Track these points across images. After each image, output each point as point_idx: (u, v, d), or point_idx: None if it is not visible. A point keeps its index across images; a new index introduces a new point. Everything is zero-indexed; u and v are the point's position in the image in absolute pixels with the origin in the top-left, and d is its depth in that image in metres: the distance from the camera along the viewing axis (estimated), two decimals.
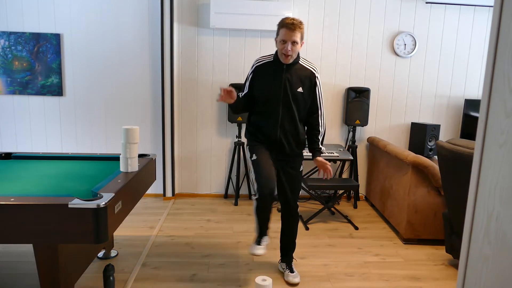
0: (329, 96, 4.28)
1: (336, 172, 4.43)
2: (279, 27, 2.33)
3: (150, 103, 4.19)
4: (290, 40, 2.28)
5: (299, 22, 2.29)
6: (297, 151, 2.53)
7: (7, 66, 4.00)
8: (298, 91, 2.40)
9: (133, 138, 2.35)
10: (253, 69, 2.46)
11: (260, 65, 2.45)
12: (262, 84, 2.42)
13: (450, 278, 2.72)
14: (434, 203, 3.21)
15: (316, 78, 2.45)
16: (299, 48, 2.35)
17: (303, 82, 2.41)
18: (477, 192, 0.98)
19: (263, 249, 2.50)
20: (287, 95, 2.38)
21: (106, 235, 1.82)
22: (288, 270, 2.63)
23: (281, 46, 2.32)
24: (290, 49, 2.29)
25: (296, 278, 2.57)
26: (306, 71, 2.43)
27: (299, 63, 2.43)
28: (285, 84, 2.38)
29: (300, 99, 2.42)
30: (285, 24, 2.28)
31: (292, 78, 2.39)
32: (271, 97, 2.39)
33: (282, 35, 2.29)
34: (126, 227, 3.43)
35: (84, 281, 2.50)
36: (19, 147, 4.20)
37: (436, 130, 4.03)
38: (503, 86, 0.88)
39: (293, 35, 2.27)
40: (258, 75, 2.45)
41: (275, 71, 2.40)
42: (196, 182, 4.38)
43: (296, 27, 2.26)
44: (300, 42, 2.33)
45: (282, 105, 2.39)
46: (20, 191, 2.04)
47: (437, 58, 4.28)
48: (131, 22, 4.02)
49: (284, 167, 2.52)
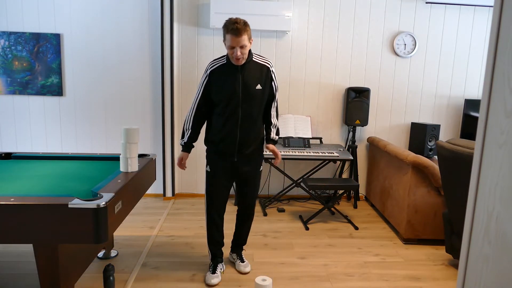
0: (329, 96, 4.28)
1: (336, 172, 4.43)
2: (224, 32, 2.25)
3: (150, 103, 4.19)
4: (238, 45, 2.22)
5: (243, 24, 2.21)
6: (257, 152, 2.53)
7: (7, 66, 4.00)
8: (256, 88, 2.37)
9: (133, 138, 2.35)
10: (207, 73, 2.39)
11: (214, 69, 2.38)
12: (219, 88, 2.37)
13: (450, 278, 2.72)
14: (434, 203, 3.21)
15: (271, 73, 2.43)
16: (248, 48, 2.30)
17: (260, 79, 2.38)
18: (477, 192, 0.98)
19: (218, 277, 2.55)
20: (246, 95, 2.35)
21: (106, 235, 1.82)
22: (239, 260, 2.73)
23: (230, 51, 2.26)
24: (240, 53, 2.24)
25: (247, 267, 2.70)
26: (261, 67, 2.40)
27: (253, 60, 2.38)
28: (242, 84, 2.34)
29: (258, 97, 2.39)
30: (230, 29, 2.19)
31: (249, 76, 2.35)
32: (230, 99, 2.34)
33: (229, 41, 2.22)
34: (126, 227, 3.43)
35: (84, 281, 2.50)
36: (19, 147, 4.20)
37: (436, 130, 4.03)
38: (503, 86, 0.88)
39: (240, 40, 2.21)
40: (213, 79, 2.38)
41: (230, 73, 2.35)
42: (196, 182, 4.38)
43: (242, 31, 2.19)
44: (249, 42, 2.27)
45: (241, 106, 2.36)
46: (20, 191, 2.04)
47: (437, 58, 4.28)
48: (131, 22, 4.02)
49: (244, 168, 2.50)
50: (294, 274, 2.69)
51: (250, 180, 2.56)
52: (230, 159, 2.46)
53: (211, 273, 2.56)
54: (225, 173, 2.49)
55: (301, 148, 3.95)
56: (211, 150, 2.51)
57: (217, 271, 2.58)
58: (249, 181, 2.56)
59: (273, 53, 4.16)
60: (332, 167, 4.43)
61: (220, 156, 2.47)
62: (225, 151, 2.45)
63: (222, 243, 2.66)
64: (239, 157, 2.46)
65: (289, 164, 4.40)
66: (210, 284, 2.49)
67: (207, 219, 2.58)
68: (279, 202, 4.30)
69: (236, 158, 2.46)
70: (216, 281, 2.51)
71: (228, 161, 2.47)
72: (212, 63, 2.41)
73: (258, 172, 2.59)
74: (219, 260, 2.65)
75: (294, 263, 2.86)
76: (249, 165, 2.51)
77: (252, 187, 2.59)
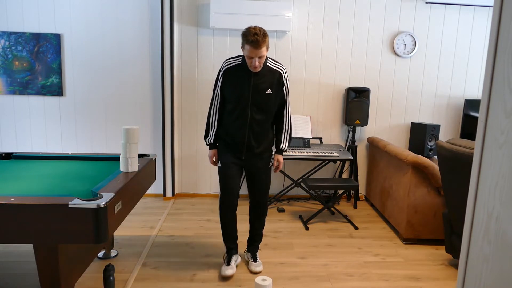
0: (329, 96, 4.29)
1: (336, 172, 4.43)
2: (244, 42, 2.29)
3: (150, 103, 4.19)
4: (256, 56, 2.29)
5: (262, 35, 2.24)
6: (266, 150, 2.60)
7: (7, 66, 4.00)
8: (267, 93, 2.43)
9: (133, 138, 2.35)
10: (223, 72, 2.47)
11: (228, 68, 2.45)
12: (232, 87, 2.44)
13: (450, 278, 2.72)
14: (434, 203, 3.21)
15: (283, 79, 2.48)
16: (265, 57, 2.36)
17: (271, 84, 2.44)
18: (477, 192, 0.98)
19: (233, 268, 2.60)
20: (256, 98, 2.42)
21: (106, 235, 1.82)
22: (252, 259, 2.74)
23: (249, 61, 2.34)
24: (258, 64, 2.32)
25: (259, 267, 2.71)
26: (274, 72, 2.46)
27: (267, 65, 2.44)
28: (254, 87, 2.40)
29: (269, 101, 2.46)
30: (249, 41, 2.23)
31: (260, 81, 2.41)
32: (240, 99, 2.42)
33: (248, 51, 2.28)
34: (126, 227, 3.43)
35: (84, 281, 2.50)
36: (19, 147, 4.20)
37: (436, 130, 4.03)
38: (503, 86, 0.89)
39: (259, 52, 2.27)
40: (227, 78, 2.45)
41: (242, 74, 2.42)
42: (196, 182, 4.38)
43: (261, 43, 2.24)
44: (266, 53, 2.33)
45: (251, 107, 2.43)
46: (20, 191, 2.04)
47: (437, 58, 4.28)
48: (131, 22, 4.02)
49: (254, 164, 2.58)
50: (294, 274, 2.69)
51: (259, 176, 2.61)
52: (239, 155, 2.55)
53: (226, 264, 2.63)
54: (235, 164, 2.56)
55: (301, 148, 3.95)
56: (221, 144, 2.60)
57: (232, 263, 2.63)
58: (258, 176, 2.60)
59: (273, 53, 4.16)
60: (332, 167, 4.43)
61: (229, 153, 2.56)
62: (233, 149, 2.55)
63: (235, 236, 2.71)
64: (247, 155, 2.55)
65: (289, 164, 4.40)
66: (224, 275, 2.56)
67: (220, 213, 2.63)
68: (279, 202, 4.30)
69: (244, 156, 2.55)
70: (230, 272, 2.57)
71: (237, 158, 2.56)
72: (227, 62, 2.47)
73: (267, 168, 2.64)
74: (234, 252, 2.70)
75: (294, 263, 2.86)
76: (257, 162, 2.58)
77: (260, 183, 2.62)
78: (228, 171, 2.55)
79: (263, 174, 2.62)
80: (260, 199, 2.67)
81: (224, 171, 2.56)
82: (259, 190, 2.64)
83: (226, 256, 2.69)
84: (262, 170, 2.60)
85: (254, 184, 2.63)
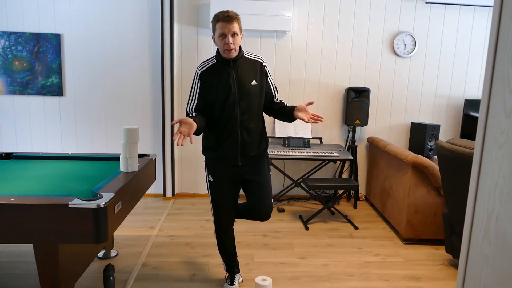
0: (329, 96, 4.28)
1: (336, 172, 4.43)
2: (215, 22, 2.15)
3: (150, 103, 4.19)
4: (229, 33, 2.12)
5: (234, 14, 2.14)
6: (262, 151, 2.36)
7: (7, 66, 4.00)
8: (252, 84, 2.25)
9: (133, 138, 2.35)
10: (198, 76, 2.27)
11: (204, 71, 2.26)
12: (213, 89, 2.24)
13: (450, 278, 2.72)
14: (434, 203, 3.21)
15: (265, 67, 2.33)
16: (240, 41, 2.20)
17: (254, 74, 2.27)
18: (477, 192, 0.98)
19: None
20: (242, 92, 2.23)
21: (106, 235, 1.82)
22: None
23: (222, 42, 2.15)
24: (232, 42, 2.13)
25: None
26: (254, 62, 2.29)
27: (244, 56, 2.28)
28: (237, 80, 2.22)
29: (255, 93, 2.27)
30: (221, 17, 2.12)
31: (242, 72, 2.24)
32: (227, 97, 2.21)
33: (220, 28, 2.13)
34: (126, 227, 3.43)
35: (84, 281, 2.50)
36: (19, 147, 4.20)
37: (436, 130, 4.03)
38: (503, 86, 0.89)
39: (232, 27, 2.12)
40: (205, 81, 2.25)
41: (222, 71, 2.23)
42: (196, 182, 4.38)
43: (233, 18, 2.12)
44: (240, 34, 2.18)
45: (239, 104, 2.23)
46: (20, 191, 2.04)
47: (437, 58, 4.28)
48: (131, 22, 4.02)
49: (253, 177, 2.33)
50: (294, 274, 2.69)
51: (260, 187, 2.34)
52: (234, 163, 2.28)
53: (229, 284, 2.45)
54: (230, 180, 2.32)
55: (301, 148, 3.95)
56: (211, 157, 2.35)
57: (235, 283, 2.47)
58: (259, 188, 2.34)
59: (273, 53, 4.16)
60: (332, 167, 4.43)
61: (222, 162, 2.31)
62: (227, 155, 2.27)
63: (235, 252, 2.50)
64: (243, 160, 2.29)
65: (289, 164, 4.40)
66: None
67: (216, 231, 2.42)
68: (279, 202, 4.30)
69: (240, 162, 2.28)
70: None
71: (232, 167, 2.30)
72: (201, 65, 2.29)
73: (267, 177, 2.39)
74: (236, 270, 2.51)
75: (294, 263, 2.86)
76: (255, 170, 2.34)
77: (262, 195, 2.34)
78: (223, 189, 2.32)
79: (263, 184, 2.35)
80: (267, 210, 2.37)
81: (219, 188, 2.32)
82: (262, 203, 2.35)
83: (228, 275, 2.50)
84: (262, 171, 2.36)
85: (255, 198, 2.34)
